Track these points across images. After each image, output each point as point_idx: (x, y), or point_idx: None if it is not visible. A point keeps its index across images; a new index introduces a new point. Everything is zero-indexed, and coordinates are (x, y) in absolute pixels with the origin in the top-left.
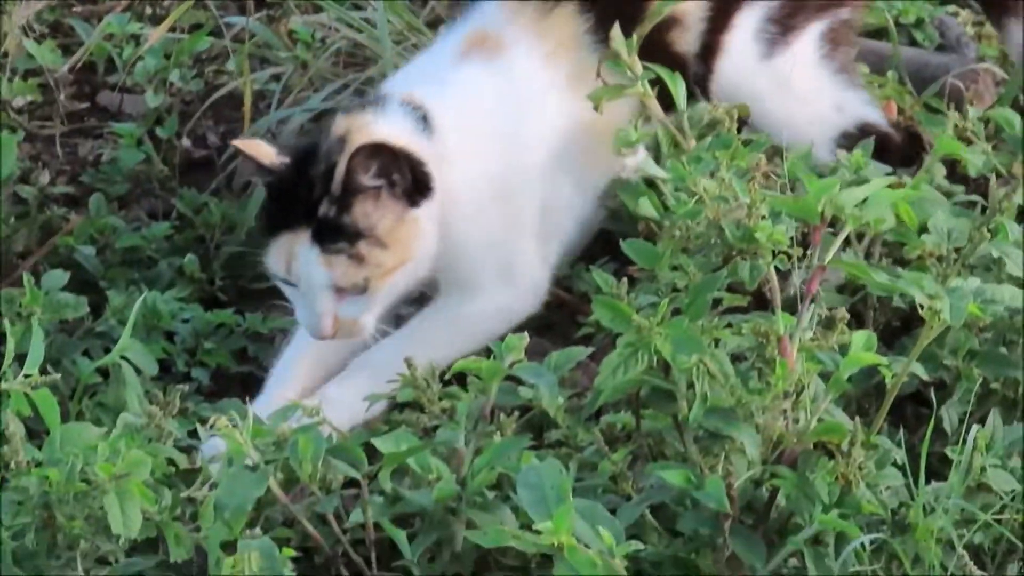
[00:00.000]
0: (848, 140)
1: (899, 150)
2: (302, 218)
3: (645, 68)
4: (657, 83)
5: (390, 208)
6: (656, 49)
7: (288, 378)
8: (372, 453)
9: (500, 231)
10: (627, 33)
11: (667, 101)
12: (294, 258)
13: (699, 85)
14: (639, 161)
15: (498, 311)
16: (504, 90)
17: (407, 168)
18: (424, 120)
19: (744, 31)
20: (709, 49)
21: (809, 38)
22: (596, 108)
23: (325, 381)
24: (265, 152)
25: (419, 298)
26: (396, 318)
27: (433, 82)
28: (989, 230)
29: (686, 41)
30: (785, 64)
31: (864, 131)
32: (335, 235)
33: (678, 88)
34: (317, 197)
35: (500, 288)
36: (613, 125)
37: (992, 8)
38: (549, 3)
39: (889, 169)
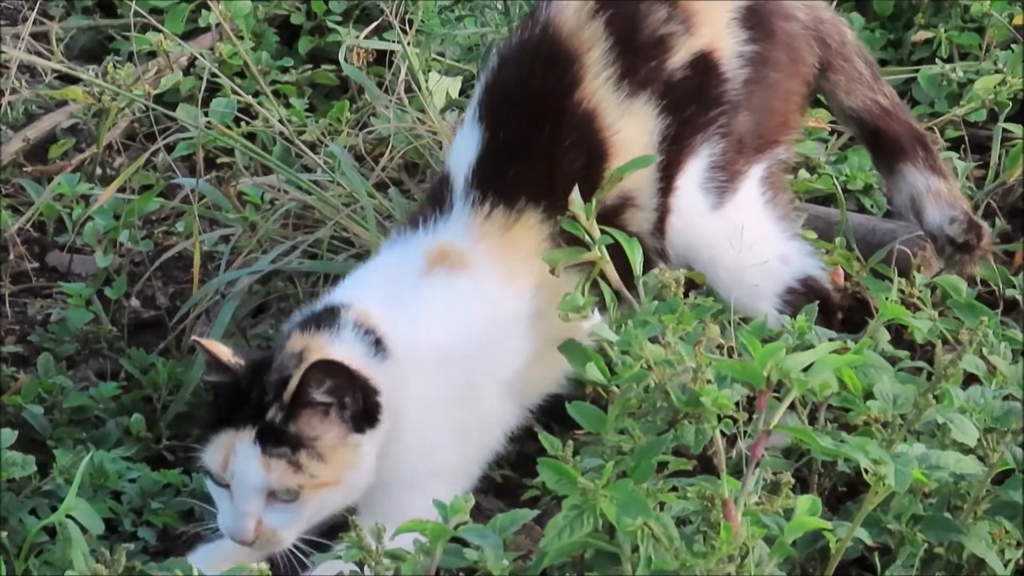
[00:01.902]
0: (792, 295)
1: (837, 308)
2: (248, 419)
3: (603, 233)
4: None
5: (335, 428)
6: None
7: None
8: None
9: (443, 456)
10: None
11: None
12: (233, 454)
13: (659, 258)
14: (593, 325)
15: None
16: (467, 313)
17: (360, 393)
18: (378, 344)
19: (690, 187)
20: (661, 218)
21: (753, 182)
22: (553, 272)
23: None
24: (223, 351)
25: None
26: None
27: (392, 301)
28: (934, 396)
29: (638, 221)
30: (736, 211)
31: (807, 286)
32: (278, 440)
33: (635, 254)
34: (267, 402)
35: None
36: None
37: (882, 155)
38: (512, 215)
39: (833, 334)
